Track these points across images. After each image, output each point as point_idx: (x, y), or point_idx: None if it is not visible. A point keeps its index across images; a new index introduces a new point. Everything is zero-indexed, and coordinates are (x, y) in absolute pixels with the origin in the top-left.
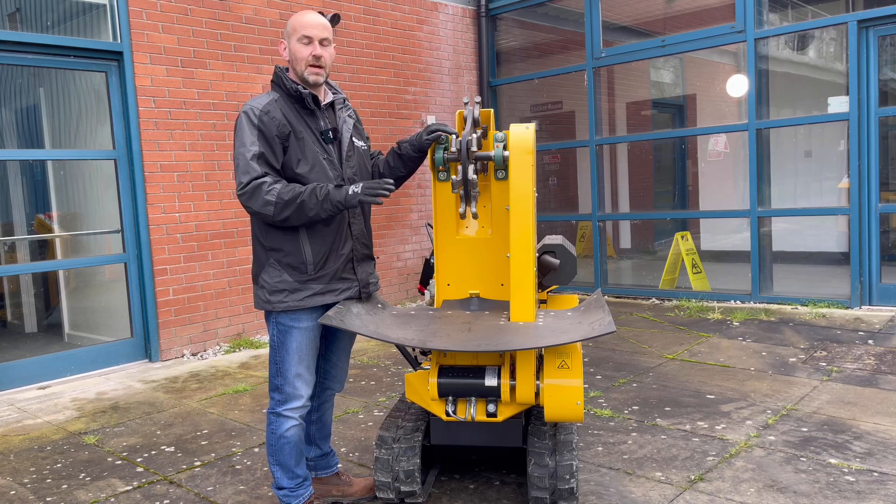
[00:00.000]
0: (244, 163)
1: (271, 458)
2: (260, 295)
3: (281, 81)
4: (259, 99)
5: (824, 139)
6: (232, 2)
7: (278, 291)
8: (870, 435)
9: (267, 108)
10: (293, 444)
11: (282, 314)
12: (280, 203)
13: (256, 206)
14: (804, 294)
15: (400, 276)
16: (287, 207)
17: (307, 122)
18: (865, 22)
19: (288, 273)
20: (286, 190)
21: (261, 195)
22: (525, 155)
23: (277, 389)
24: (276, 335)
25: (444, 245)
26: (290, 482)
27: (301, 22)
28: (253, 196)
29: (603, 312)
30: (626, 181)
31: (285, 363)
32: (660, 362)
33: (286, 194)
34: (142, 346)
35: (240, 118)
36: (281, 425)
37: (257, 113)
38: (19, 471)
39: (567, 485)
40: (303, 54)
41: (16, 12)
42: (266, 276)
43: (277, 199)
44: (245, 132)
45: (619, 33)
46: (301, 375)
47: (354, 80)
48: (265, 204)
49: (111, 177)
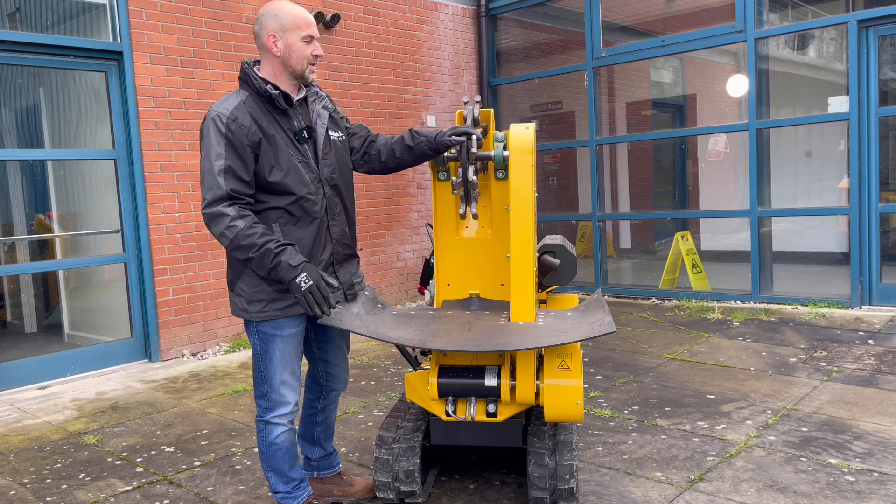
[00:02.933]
0: (210, 178)
1: (265, 465)
2: (237, 303)
3: (249, 80)
4: (226, 101)
5: (824, 139)
6: (232, 2)
7: (256, 301)
8: (870, 435)
9: (234, 113)
10: (285, 449)
11: (263, 323)
12: (234, 244)
13: (214, 231)
14: (804, 294)
15: (400, 276)
16: (239, 251)
17: (279, 123)
18: (865, 22)
19: (266, 282)
20: (244, 233)
21: (220, 225)
22: (525, 155)
23: (263, 397)
24: (259, 344)
25: (444, 245)
26: (286, 486)
27: (305, 19)
28: (213, 221)
29: (603, 312)
30: (626, 181)
31: (269, 371)
32: (660, 362)
33: (242, 239)
34: (142, 346)
35: (205, 125)
36: (270, 432)
37: (224, 120)
38: (19, 471)
39: (567, 485)
40: (305, 52)
41: (16, 12)
42: (243, 284)
43: (234, 238)
44: (212, 142)
45: (619, 33)
46: (286, 382)
47: (354, 80)
48: (221, 235)
49: (111, 177)
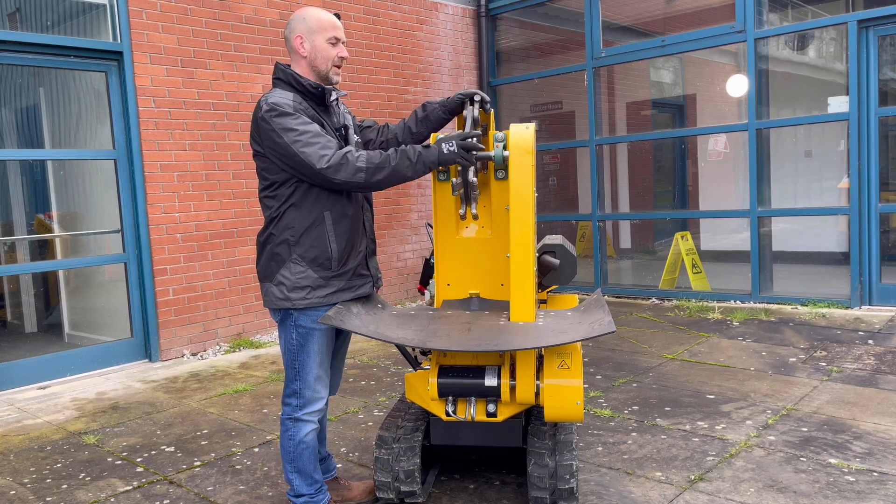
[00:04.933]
0: (316, 137)
1: (289, 466)
2: (276, 292)
3: (295, 80)
4: (280, 95)
5: (824, 139)
6: (232, 2)
7: (300, 288)
8: (870, 435)
9: (295, 102)
10: (312, 448)
11: (302, 316)
12: (371, 168)
13: (345, 176)
14: (804, 294)
15: (400, 276)
16: (378, 171)
17: (324, 121)
18: (865, 22)
19: (312, 269)
20: (374, 155)
21: (350, 164)
22: (525, 155)
23: (296, 394)
24: (296, 339)
25: (444, 245)
26: (310, 488)
27: (330, 22)
28: (341, 167)
29: (603, 312)
30: (626, 181)
31: (306, 367)
32: (660, 362)
33: (375, 159)
34: (142, 346)
35: (272, 108)
36: (300, 430)
37: (292, 105)
38: (19, 471)
39: (567, 485)
40: (330, 54)
41: (16, 12)
42: (287, 272)
43: (368, 164)
44: (290, 117)
45: (619, 33)
46: (321, 378)
47: (354, 80)
48: (356, 171)
49: (111, 177)
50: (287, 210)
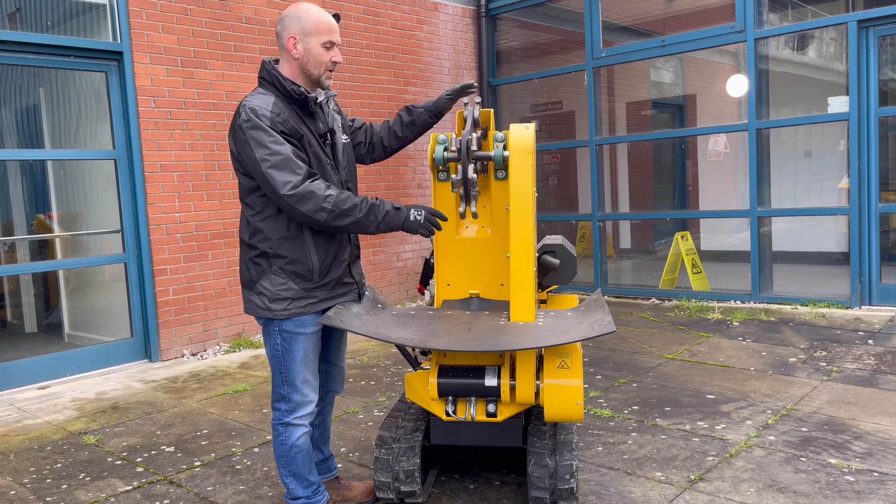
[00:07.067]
0: (285, 160)
1: (283, 470)
2: (257, 302)
3: (277, 82)
4: (259, 99)
5: (824, 139)
6: (232, 2)
7: (281, 300)
8: (870, 435)
9: (275, 109)
10: (305, 451)
11: (286, 322)
12: (335, 212)
13: (307, 210)
14: (804, 294)
15: (400, 276)
16: (342, 217)
17: (307, 125)
18: (865, 22)
19: (293, 281)
20: (342, 199)
21: (314, 199)
22: (525, 155)
23: (284, 399)
24: (281, 343)
25: (444, 245)
26: (306, 490)
27: (327, 25)
28: (304, 199)
29: (603, 312)
30: (626, 181)
31: (292, 371)
32: (660, 362)
33: (343, 204)
34: (142, 346)
35: (248, 120)
36: (291, 435)
37: (269, 115)
38: (19, 471)
39: (567, 485)
40: (324, 59)
41: (16, 12)
42: (267, 283)
43: (333, 206)
44: (266, 132)
45: (619, 33)
46: (308, 381)
47: (354, 80)
48: (318, 209)
49: (111, 177)
50: (264, 220)
